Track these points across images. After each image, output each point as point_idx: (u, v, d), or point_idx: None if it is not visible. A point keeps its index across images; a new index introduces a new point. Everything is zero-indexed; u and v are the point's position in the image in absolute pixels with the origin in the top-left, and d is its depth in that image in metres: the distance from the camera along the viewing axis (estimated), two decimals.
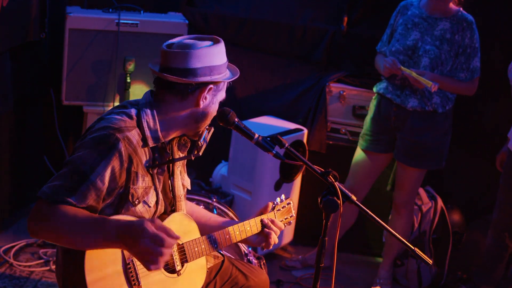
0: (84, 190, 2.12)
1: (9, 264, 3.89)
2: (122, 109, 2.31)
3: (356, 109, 4.47)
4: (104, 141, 2.17)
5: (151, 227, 2.01)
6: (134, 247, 2.02)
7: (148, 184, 2.30)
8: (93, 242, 2.12)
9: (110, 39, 4.22)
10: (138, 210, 2.28)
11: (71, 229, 2.09)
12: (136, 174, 2.25)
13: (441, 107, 3.78)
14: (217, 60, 2.34)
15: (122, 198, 2.24)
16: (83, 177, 2.13)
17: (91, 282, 2.15)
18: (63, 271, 2.26)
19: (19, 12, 4.06)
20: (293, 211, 2.77)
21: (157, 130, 2.29)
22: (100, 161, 2.14)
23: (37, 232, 2.12)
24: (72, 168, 2.14)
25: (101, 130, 2.20)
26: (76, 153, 2.19)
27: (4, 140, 4.14)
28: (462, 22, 3.71)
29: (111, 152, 2.16)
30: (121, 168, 2.19)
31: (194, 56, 2.30)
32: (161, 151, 2.35)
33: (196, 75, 2.30)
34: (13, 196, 4.37)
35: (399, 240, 2.41)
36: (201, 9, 4.86)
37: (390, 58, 3.74)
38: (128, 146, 2.21)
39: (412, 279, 4.25)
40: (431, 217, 4.26)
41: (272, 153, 2.40)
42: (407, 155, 3.87)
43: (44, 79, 4.57)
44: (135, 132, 2.25)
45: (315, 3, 4.73)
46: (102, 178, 2.15)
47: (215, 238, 2.48)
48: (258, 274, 2.77)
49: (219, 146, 4.67)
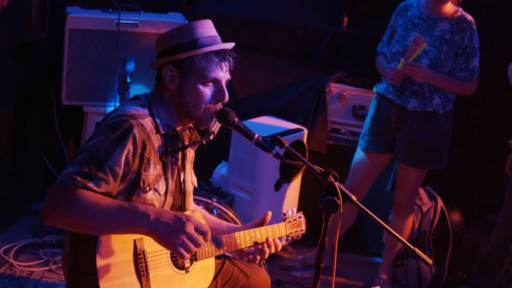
0: (101, 176, 2.16)
1: (9, 264, 3.89)
2: (134, 100, 2.36)
3: (356, 109, 4.47)
4: (119, 127, 2.21)
5: (191, 225, 2.15)
6: (168, 238, 2.13)
7: (159, 172, 2.33)
8: (115, 228, 2.16)
9: (110, 39, 4.22)
10: (148, 197, 2.31)
11: (95, 214, 2.11)
12: (148, 160, 2.28)
13: (441, 108, 3.78)
14: (185, 37, 2.29)
15: (133, 185, 2.27)
16: (100, 163, 2.16)
17: (101, 267, 2.18)
18: (72, 258, 2.27)
19: (19, 12, 4.06)
20: (303, 225, 2.78)
21: (167, 118, 2.34)
22: (116, 147, 2.19)
23: (55, 217, 2.13)
24: (88, 155, 2.17)
25: (116, 118, 2.24)
26: (91, 141, 2.22)
27: (4, 140, 4.14)
28: (461, 23, 3.70)
29: (126, 137, 2.20)
30: (135, 153, 2.23)
31: (164, 39, 2.31)
32: (173, 140, 2.37)
33: (160, 56, 2.32)
34: (13, 196, 4.37)
35: (399, 240, 2.41)
36: (201, 9, 4.86)
37: (389, 68, 3.73)
38: (142, 132, 2.25)
39: (412, 279, 4.25)
40: (431, 217, 4.26)
41: (272, 153, 2.40)
42: (407, 156, 3.87)
43: (44, 79, 4.57)
44: (148, 120, 2.29)
45: (315, 3, 4.73)
46: (119, 163, 2.19)
47: (220, 240, 2.50)
48: (259, 273, 2.78)
49: (219, 146, 4.67)
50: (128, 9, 4.35)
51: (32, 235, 4.21)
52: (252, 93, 4.82)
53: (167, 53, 2.32)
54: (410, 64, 3.62)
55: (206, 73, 2.30)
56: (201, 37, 2.30)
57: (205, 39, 2.30)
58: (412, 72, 3.63)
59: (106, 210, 2.12)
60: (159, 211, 2.17)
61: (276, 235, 2.66)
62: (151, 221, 2.13)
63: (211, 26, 2.36)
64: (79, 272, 2.23)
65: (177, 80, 2.32)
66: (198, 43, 2.29)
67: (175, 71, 2.31)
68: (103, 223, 2.13)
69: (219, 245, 2.50)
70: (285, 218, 2.74)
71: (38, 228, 4.29)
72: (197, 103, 2.32)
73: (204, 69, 2.30)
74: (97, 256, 2.17)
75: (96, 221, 2.12)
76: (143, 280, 2.26)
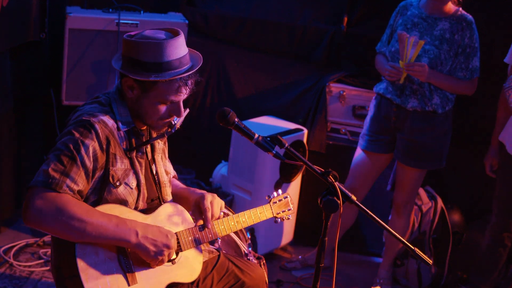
0: (75, 171, 2.21)
1: (9, 264, 3.89)
2: (94, 99, 2.43)
3: (356, 109, 4.47)
4: (82, 124, 2.28)
5: (174, 241, 2.36)
6: (154, 254, 2.31)
7: (127, 167, 2.38)
8: (102, 241, 2.23)
9: (110, 39, 4.22)
10: (120, 192, 2.36)
11: (84, 226, 2.18)
12: (114, 156, 2.33)
13: (441, 107, 3.78)
14: (153, 56, 2.29)
15: (103, 181, 2.32)
16: (72, 158, 2.22)
17: (83, 268, 2.21)
18: (57, 262, 2.33)
19: (19, 12, 4.06)
20: (291, 205, 2.79)
21: (128, 115, 2.39)
22: (83, 141, 2.25)
23: (40, 222, 2.17)
24: (59, 153, 2.23)
25: (77, 118, 2.32)
26: (59, 141, 2.28)
27: (4, 140, 4.14)
28: (461, 22, 3.71)
29: (90, 133, 2.26)
30: (101, 148, 2.29)
31: (133, 47, 2.31)
32: (137, 135, 2.43)
33: (124, 65, 2.34)
34: (13, 196, 4.37)
35: (399, 240, 2.41)
36: (201, 9, 4.86)
37: (388, 65, 3.73)
38: (104, 128, 2.31)
39: (412, 279, 4.25)
40: (431, 217, 4.26)
41: (272, 153, 2.40)
42: (407, 156, 3.86)
43: (44, 79, 4.57)
44: (109, 117, 2.35)
45: (315, 3, 4.73)
46: (88, 157, 2.25)
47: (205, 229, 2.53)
48: (254, 269, 2.80)
49: (219, 146, 4.68)
50: (128, 9, 4.35)
51: (32, 235, 4.21)
52: (252, 93, 4.81)
53: (131, 64, 2.31)
54: (413, 64, 3.62)
55: (166, 96, 2.34)
56: (168, 60, 2.30)
57: (171, 64, 2.31)
58: (416, 72, 3.63)
59: (95, 223, 2.20)
60: (146, 227, 2.30)
61: (262, 217, 2.69)
62: (139, 237, 2.27)
63: (181, 45, 2.34)
64: (64, 276, 2.27)
65: (136, 92, 2.36)
66: (163, 68, 2.30)
67: (135, 84, 2.35)
68: (92, 236, 2.20)
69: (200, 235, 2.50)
70: (270, 200, 2.75)
71: None
72: (152, 117, 2.38)
73: (164, 92, 2.33)
74: (77, 257, 2.22)
75: (85, 234, 2.19)
76: (128, 276, 2.29)
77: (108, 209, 2.30)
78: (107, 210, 2.30)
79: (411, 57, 3.64)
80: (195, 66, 2.37)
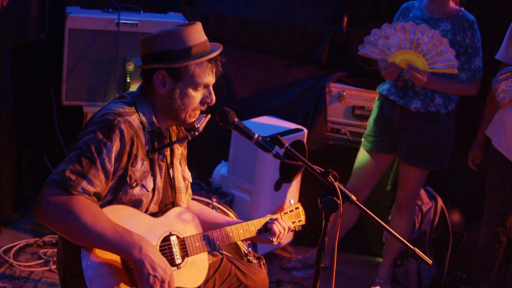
0: (93, 173, 2.19)
1: (9, 264, 3.89)
2: (120, 99, 2.40)
3: (356, 109, 4.47)
4: (107, 125, 2.25)
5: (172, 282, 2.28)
6: (147, 278, 2.21)
7: (146, 168, 2.36)
8: (105, 249, 2.20)
9: (110, 39, 4.22)
10: (136, 193, 2.33)
11: (89, 231, 2.15)
12: (135, 156, 2.31)
13: (443, 108, 3.78)
14: (177, 44, 2.32)
15: (121, 181, 2.30)
16: (91, 160, 2.20)
17: (87, 268, 2.20)
18: (62, 260, 2.31)
19: (19, 12, 4.06)
20: (302, 216, 2.77)
21: (151, 116, 2.37)
22: (105, 144, 2.22)
23: (48, 219, 2.16)
24: (80, 153, 2.21)
25: (103, 116, 2.28)
26: (81, 139, 2.25)
27: (4, 140, 4.14)
28: (463, 22, 3.70)
29: (114, 134, 2.24)
30: (123, 149, 2.26)
31: (153, 42, 2.34)
32: (159, 137, 2.41)
33: (152, 60, 2.34)
34: (13, 196, 4.37)
35: (399, 240, 2.41)
36: (201, 9, 4.86)
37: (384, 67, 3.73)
38: (130, 128, 2.29)
39: (412, 279, 4.25)
40: (431, 217, 4.26)
41: (272, 153, 2.40)
42: (411, 156, 3.86)
43: (44, 79, 4.57)
44: (135, 117, 2.33)
45: (315, 3, 4.73)
46: (109, 159, 2.22)
47: (210, 236, 2.50)
48: (257, 272, 2.78)
49: (219, 146, 4.67)
50: (128, 9, 4.35)
51: (32, 235, 4.21)
52: (252, 93, 4.81)
53: (157, 57, 2.33)
54: (414, 70, 3.61)
55: (198, 80, 2.36)
56: (194, 44, 2.34)
57: (198, 47, 2.35)
58: (414, 78, 3.62)
59: (99, 230, 2.17)
60: (152, 248, 2.24)
61: None
62: (142, 253, 2.21)
63: (201, 30, 2.40)
64: (68, 274, 2.26)
65: (168, 85, 2.36)
66: (192, 52, 2.33)
67: (168, 77, 2.34)
68: (93, 242, 2.19)
69: (210, 239, 2.49)
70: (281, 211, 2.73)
71: (38, 228, 4.29)
72: (186, 107, 2.38)
73: (197, 76, 2.35)
74: (82, 256, 2.20)
75: (87, 239, 2.18)
76: (132, 278, 2.27)
77: (117, 210, 2.28)
78: (115, 210, 2.27)
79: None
80: (218, 49, 2.41)
